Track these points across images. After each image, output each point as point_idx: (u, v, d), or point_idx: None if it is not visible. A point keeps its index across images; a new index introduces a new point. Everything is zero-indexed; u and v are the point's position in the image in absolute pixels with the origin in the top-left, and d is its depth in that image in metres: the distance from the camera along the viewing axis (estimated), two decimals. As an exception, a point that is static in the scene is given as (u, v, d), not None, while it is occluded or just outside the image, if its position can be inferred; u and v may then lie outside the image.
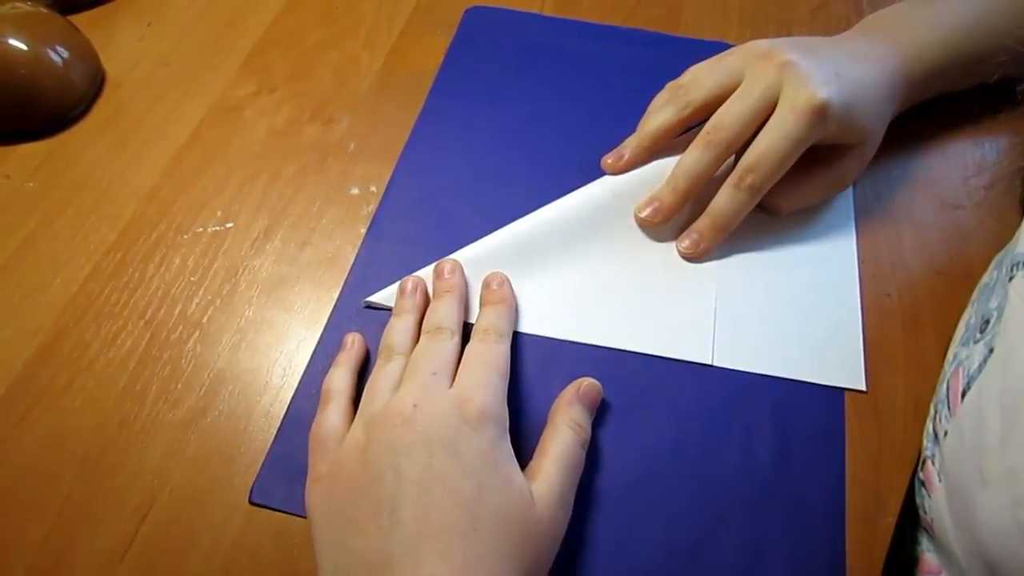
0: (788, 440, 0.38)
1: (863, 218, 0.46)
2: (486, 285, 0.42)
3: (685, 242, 0.44)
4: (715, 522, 0.36)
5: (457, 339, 0.37)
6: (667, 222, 0.44)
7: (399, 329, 0.39)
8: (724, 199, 0.42)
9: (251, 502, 0.37)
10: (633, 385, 0.40)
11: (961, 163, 0.49)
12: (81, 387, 0.40)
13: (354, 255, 0.45)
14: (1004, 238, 0.45)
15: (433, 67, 0.54)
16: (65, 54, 0.51)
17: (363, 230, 0.46)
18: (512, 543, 0.30)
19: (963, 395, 0.34)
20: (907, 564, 0.37)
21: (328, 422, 0.36)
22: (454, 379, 0.35)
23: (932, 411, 0.37)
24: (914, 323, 0.42)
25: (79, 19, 0.56)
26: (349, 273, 0.44)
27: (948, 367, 0.38)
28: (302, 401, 0.40)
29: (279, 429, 0.39)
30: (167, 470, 0.37)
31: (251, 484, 0.37)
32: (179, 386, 0.40)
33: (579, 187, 0.46)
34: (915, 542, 0.37)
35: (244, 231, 0.46)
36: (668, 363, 0.41)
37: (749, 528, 0.36)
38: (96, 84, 0.53)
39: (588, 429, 0.37)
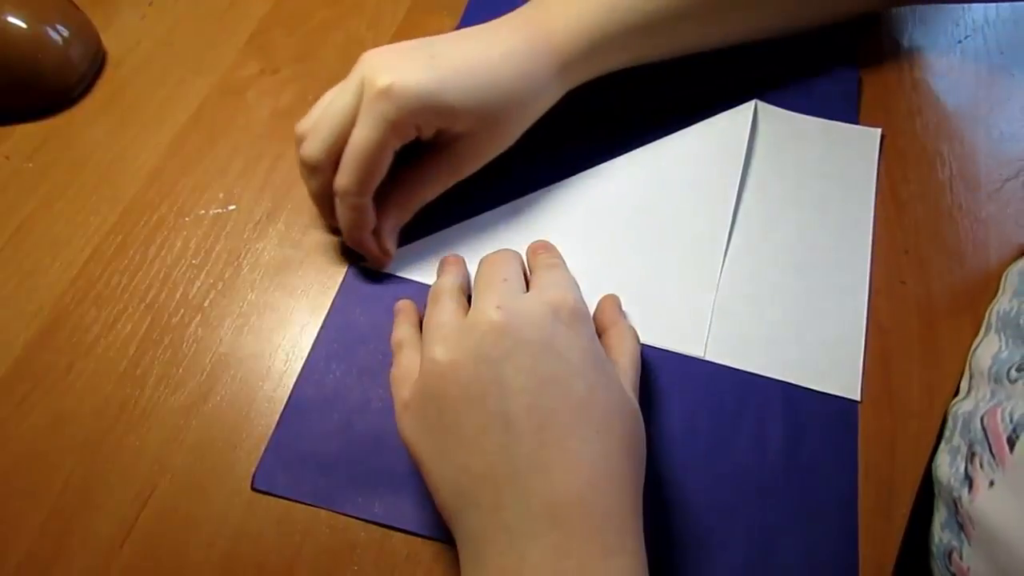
0: (800, 430, 0.37)
1: (877, 202, 0.45)
2: (532, 251, 0.40)
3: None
4: (725, 513, 0.35)
5: (520, 264, 0.36)
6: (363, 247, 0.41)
7: (447, 275, 0.37)
8: (343, 211, 0.40)
9: (254, 488, 0.36)
10: (642, 373, 0.39)
11: (979, 149, 0.48)
12: (81, 370, 0.40)
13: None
14: (1022, 222, 0.44)
15: (439, 48, 0.53)
16: (65, 33, 0.50)
17: (367, 213, 0.45)
18: (626, 438, 0.31)
19: (1011, 444, 0.32)
20: (921, 556, 0.36)
21: (407, 360, 0.35)
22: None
23: (962, 446, 0.35)
24: (928, 311, 0.41)
25: (79, -2, 0.55)
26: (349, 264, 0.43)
27: (979, 401, 0.36)
28: (305, 386, 0.39)
29: (282, 414, 0.38)
30: (168, 455, 0.37)
31: (253, 470, 0.36)
32: (180, 371, 0.40)
33: (587, 170, 0.46)
34: (928, 538, 0.36)
35: (247, 214, 0.46)
36: (677, 352, 0.40)
37: (760, 519, 0.35)
38: (97, 63, 0.52)
39: None
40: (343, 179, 0.38)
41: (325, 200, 0.40)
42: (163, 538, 0.35)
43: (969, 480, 0.33)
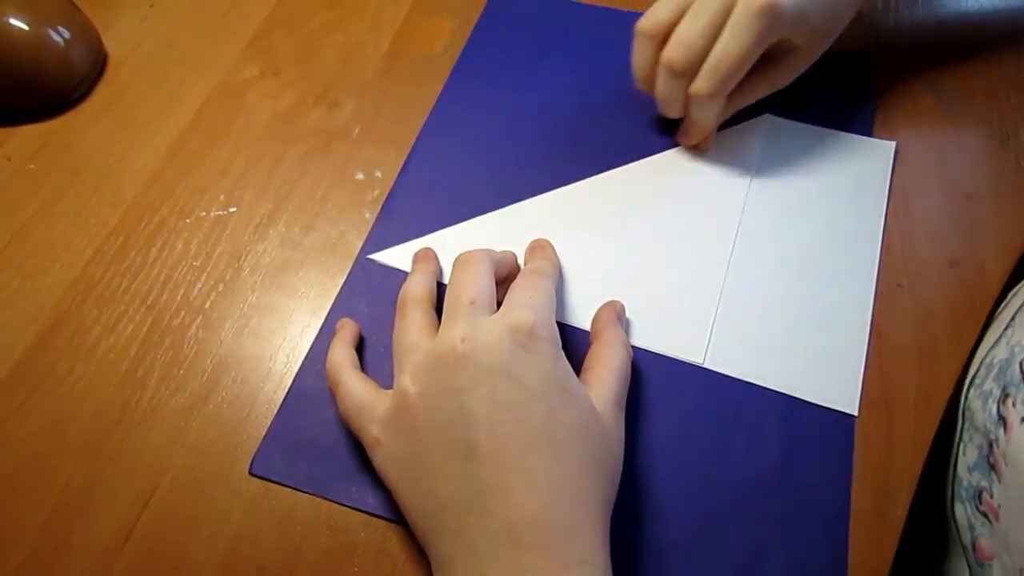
0: (796, 441, 0.37)
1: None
2: (530, 249, 0.42)
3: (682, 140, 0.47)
4: (715, 521, 0.35)
5: (491, 270, 0.36)
6: (695, 140, 0.46)
7: (414, 282, 0.38)
8: (694, 110, 0.43)
9: (251, 473, 0.36)
10: (637, 377, 0.39)
11: (976, 150, 0.48)
12: (82, 372, 0.40)
13: (358, 240, 0.44)
14: (1020, 228, 0.44)
15: (439, 51, 0.53)
16: (67, 34, 0.50)
17: (368, 215, 0.45)
18: (591, 456, 0.31)
19: None
20: (921, 559, 0.36)
21: (355, 392, 0.35)
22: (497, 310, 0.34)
23: (995, 389, 0.36)
24: (926, 314, 0.41)
25: (81, -1, 0.55)
26: (356, 258, 0.44)
27: (1014, 347, 0.36)
28: (306, 377, 0.39)
29: (282, 403, 0.38)
30: (169, 457, 0.37)
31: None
32: (181, 372, 0.40)
33: (595, 175, 0.46)
34: (943, 534, 0.36)
35: (247, 215, 0.46)
36: (676, 358, 0.40)
37: (750, 528, 0.35)
38: (98, 65, 0.52)
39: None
40: (710, 84, 0.41)
41: (677, 101, 0.43)
42: (164, 539, 0.35)
43: (1003, 421, 0.34)
